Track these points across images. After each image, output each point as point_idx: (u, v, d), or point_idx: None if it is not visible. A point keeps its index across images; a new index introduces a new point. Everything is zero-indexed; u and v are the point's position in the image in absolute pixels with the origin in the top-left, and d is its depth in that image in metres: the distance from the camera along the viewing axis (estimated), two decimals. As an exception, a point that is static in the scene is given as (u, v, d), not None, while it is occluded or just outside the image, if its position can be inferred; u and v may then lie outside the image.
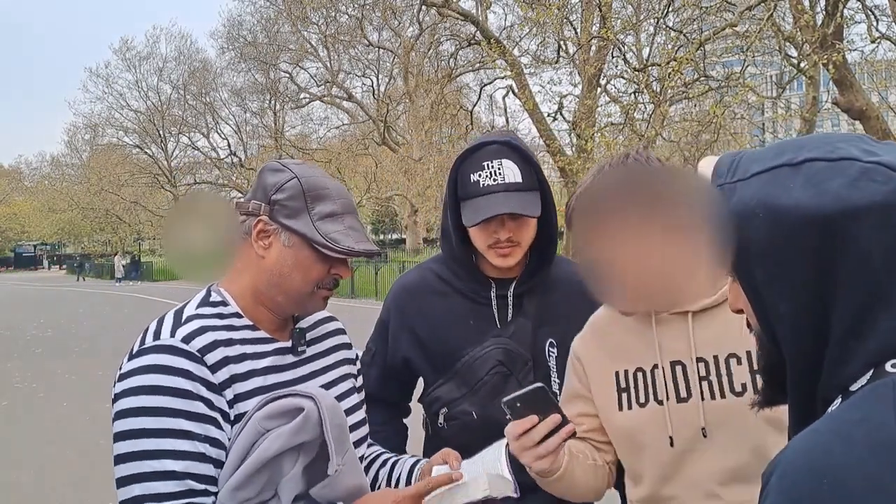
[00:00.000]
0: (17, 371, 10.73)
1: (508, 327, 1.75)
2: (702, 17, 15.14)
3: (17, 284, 40.94)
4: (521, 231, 1.69)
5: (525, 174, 1.67)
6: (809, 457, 0.67)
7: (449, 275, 1.81)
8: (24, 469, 6.02)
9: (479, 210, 1.65)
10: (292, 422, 1.28)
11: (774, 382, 0.84)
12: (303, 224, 1.36)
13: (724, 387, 1.38)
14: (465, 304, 1.78)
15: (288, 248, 1.37)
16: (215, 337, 1.33)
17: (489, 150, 1.68)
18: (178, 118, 41.60)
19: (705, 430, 1.37)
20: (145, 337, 1.33)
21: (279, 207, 1.37)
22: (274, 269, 1.38)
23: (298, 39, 29.92)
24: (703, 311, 1.42)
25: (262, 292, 1.40)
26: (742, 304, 0.83)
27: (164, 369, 1.26)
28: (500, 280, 1.78)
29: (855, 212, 0.71)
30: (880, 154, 0.74)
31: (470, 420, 1.69)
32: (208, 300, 1.40)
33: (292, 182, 1.38)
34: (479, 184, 1.66)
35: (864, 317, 0.72)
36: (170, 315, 1.37)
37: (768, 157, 0.78)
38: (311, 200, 1.38)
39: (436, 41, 22.74)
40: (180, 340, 1.29)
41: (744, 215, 0.76)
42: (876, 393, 0.69)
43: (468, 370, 1.71)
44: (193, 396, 1.26)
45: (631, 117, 14.28)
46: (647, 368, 1.44)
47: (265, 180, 1.40)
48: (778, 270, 0.75)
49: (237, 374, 1.33)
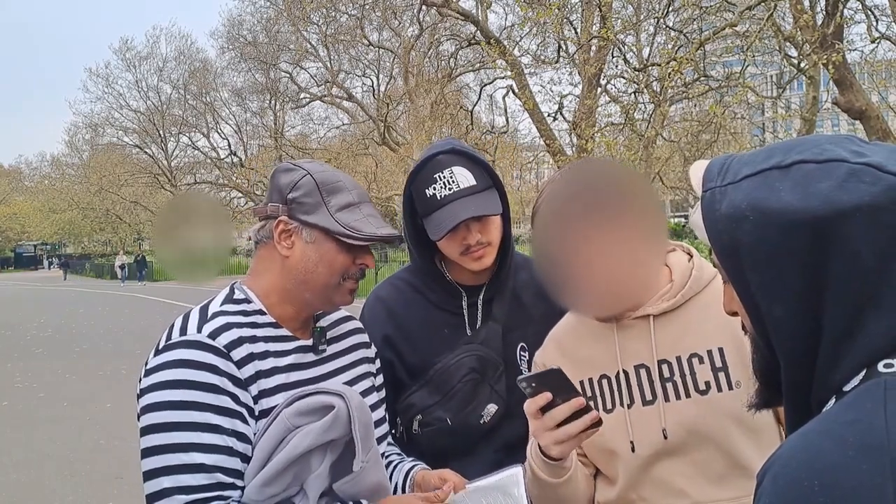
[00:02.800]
0: (17, 371, 10.73)
1: (479, 333, 1.75)
2: (702, 16, 15.13)
3: (16, 284, 40.92)
4: (489, 230, 1.70)
5: (477, 176, 1.68)
6: (802, 458, 0.68)
7: (421, 285, 1.82)
8: (24, 469, 6.02)
9: (441, 222, 1.65)
10: (322, 419, 1.30)
11: (769, 384, 0.84)
12: (322, 218, 1.39)
13: (689, 386, 1.39)
14: (437, 313, 1.79)
15: (310, 243, 1.40)
16: (240, 333, 1.35)
17: (438, 162, 1.68)
18: (178, 118, 41.56)
19: (665, 431, 1.38)
20: (171, 332, 1.35)
21: (297, 205, 1.40)
22: (299, 266, 1.41)
23: (298, 39, 29.89)
24: (664, 314, 1.44)
25: (289, 290, 1.43)
26: (736, 307, 0.83)
27: (192, 364, 1.28)
28: (469, 288, 1.79)
29: (844, 213, 0.71)
30: (868, 155, 0.74)
31: (444, 426, 1.70)
32: (232, 297, 1.42)
33: (306, 179, 1.41)
34: (435, 197, 1.66)
35: (856, 317, 0.72)
36: (195, 311, 1.39)
37: (758, 160, 0.78)
38: (327, 194, 1.41)
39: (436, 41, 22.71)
40: (207, 336, 1.32)
41: (734, 218, 0.76)
42: (868, 394, 0.70)
43: (441, 377, 1.71)
44: (221, 391, 1.28)
45: (631, 117, 14.26)
46: (611, 374, 1.45)
47: (279, 181, 1.43)
48: (769, 273, 0.75)
49: (262, 371, 1.35)
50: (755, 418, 1.38)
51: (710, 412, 1.38)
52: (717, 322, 1.42)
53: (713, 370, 1.39)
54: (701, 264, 1.50)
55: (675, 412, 1.39)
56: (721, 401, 1.38)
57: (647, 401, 1.41)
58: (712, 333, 1.41)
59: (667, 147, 19.26)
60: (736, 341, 1.40)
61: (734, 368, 1.39)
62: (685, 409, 1.39)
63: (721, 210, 0.78)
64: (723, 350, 1.40)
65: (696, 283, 1.46)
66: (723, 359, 1.40)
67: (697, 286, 1.46)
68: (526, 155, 26.15)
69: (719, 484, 1.37)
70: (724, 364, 1.39)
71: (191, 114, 41.30)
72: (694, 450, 1.38)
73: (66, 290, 33.56)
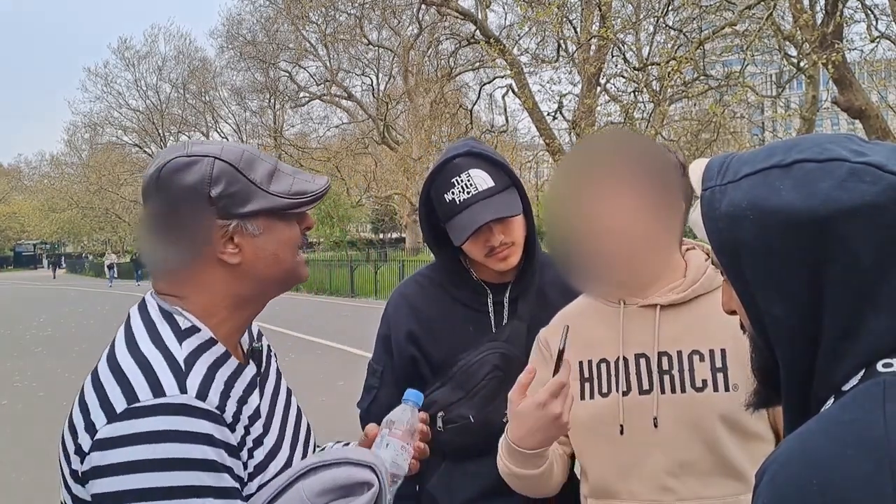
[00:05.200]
0: (16, 370, 10.74)
1: (504, 331, 1.76)
2: (701, 16, 15.16)
3: (16, 284, 40.93)
4: (512, 230, 1.70)
5: (496, 177, 1.68)
6: (800, 457, 0.68)
7: (446, 282, 1.83)
8: (24, 469, 6.02)
9: (463, 227, 1.65)
10: (361, 498, 1.10)
11: (768, 383, 0.84)
12: (262, 200, 1.15)
13: (686, 382, 1.40)
14: (462, 310, 1.79)
15: (260, 234, 1.15)
16: (222, 382, 1.10)
17: (454, 166, 1.68)
18: (177, 117, 41.61)
19: (657, 419, 1.39)
20: (131, 391, 1.02)
21: (225, 201, 1.12)
22: (257, 265, 1.16)
23: (298, 38, 29.90)
24: (672, 306, 1.44)
25: (244, 296, 1.18)
26: (735, 306, 0.83)
27: (184, 436, 1.00)
28: (495, 286, 1.79)
29: (844, 212, 0.71)
30: (869, 154, 0.74)
31: (468, 423, 1.70)
32: (180, 328, 1.12)
33: (218, 165, 1.13)
34: (455, 202, 1.67)
35: (855, 317, 0.72)
36: (155, 357, 1.07)
37: (758, 159, 0.78)
38: (247, 171, 1.15)
39: (435, 40, 22.71)
40: (195, 397, 1.03)
41: (735, 217, 0.76)
42: (866, 393, 0.70)
43: (465, 375, 1.72)
44: (220, 468, 1.03)
45: (630, 116, 14.27)
46: (611, 360, 1.45)
47: (184, 182, 1.12)
48: (769, 272, 0.75)
49: (247, 426, 1.12)
50: (749, 424, 1.38)
51: (703, 410, 1.38)
52: (723, 324, 1.42)
53: (712, 370, 1.39)
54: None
55: (669, 405, 1.40)
56: (715, 401, 1.38)
57: (644, 390, 1.42)
58: (717, 334, 1.41)
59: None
60: (739, 345, 1.40)
61: (734, 371, 1.39)
62: (679, 403, 1.39)
63: (721, 209, 0.78)
64: (725, 351, 1.40)
65: (708, 282, 1.46)
66: (723, 360, 1.40)
67: (710, 285, 1.45)
68: (525, 154, 26.15)
69: (706, 483, 1.38)
70: (724, 365, 1.40)
71: (190, 113, 41.33)
72: (683, 446, 1.38)
73: (66, 289, 33.56)
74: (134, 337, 1.11)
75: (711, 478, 1.38)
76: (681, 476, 1.38)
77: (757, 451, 1.38)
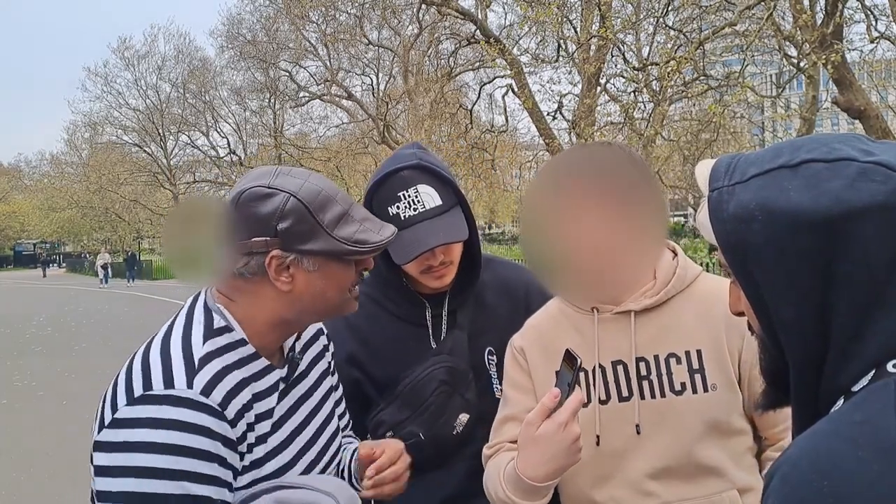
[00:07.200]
0: (15, 369, 10.73)
1: (445, 344, 1.72)
2: (701, 16, 15.14)
3: (15, 283, 40.92)
4: (452, 251, 1.66)
5: (443, 194, 1.62)
6: (811, 458, 0.68)
7: (382, 297, 1.77)
8: (24, 469, 6.02)
9: (407, 246, 1.58)
10: None
11: (777, 384, 0.84)
12: (323, 242, 1.24)
13: (665, 386, 1.39)
14: (401, 326, 1.75)
15: (314, 271, 1.25)
16: (233, 382, 1.21)
17: (402, 179, 1.60)
18: (177, 117, 41.56)
19: (639, 426, 1.38)
20: (149, 380, 1.16)
21: (289, 236, 1.22)
22: (305, 297, 1.27)
23: (298, 38, 29.89)
24: (645, 311, 1.43)
25: (288, 320, 1.29)
26: (743, 307, 0.83)
27: (186, 426, 1.13)
28: (433, 297, 1.75)
29: (854, 212, 0.71)
30: (878, 154, 0.74)
31: (418, 441, 1.65)
32: (212, 326, 1.25)
33: (292, 203, 1.22)
34: (399, 217, 1.59)
35: (865, 317, 0.72)
36: (177, 353, 1.20)
37: (766, 160, 0.78)
38: (319, 212, 1.24)
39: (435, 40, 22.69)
40: (200, 393, 1.15)
41: (743, 218, 0.76)
42: (877, 394, 0.70)
43: (411, 392, 1.67)
44: (213, 458, 1.15)
45: (630, 116, 14.26)
46: (588, 368, 1.44)
47: (259, 211, 1.23)
48: (778, 273, 0.75)
49: (251, 423, 1.23)
50: (729, 421, 1.38)
51: (683, 414, 1.38)
52: (698, 323, 1.42)
53: (690, 371, 1.39)
54: (685, 263, 1.48)
55: (650, 411, 1.39)
56: (695, 403, 1.38)
57: (624, 397, 1.41)
58: (692, 334, 1.41)
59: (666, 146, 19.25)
60: (715, 344, 1.40)
61: (711, 371, 1.38)
62: (659, 408, 1.39)
63: (729, 210, 0.77)
64: (701, 352, 1.40)
65: (679, 282, 1.45)
66: (700, 361, 1.39)
67: (680, 285, 1.45)
68: (525, 154, 26.14)
69: (689, 484, 1.38)
70: (701, 366, 1.39)
71: (190, 112, 41.28)
72: (664, 450, 1.38)
73: (67, 288, 33.55)
74: (171, 330, 1.26)
75: (694, 478, 1.38)
76: (663, 479, 1.38)
77: (738, 446, 1.39)
